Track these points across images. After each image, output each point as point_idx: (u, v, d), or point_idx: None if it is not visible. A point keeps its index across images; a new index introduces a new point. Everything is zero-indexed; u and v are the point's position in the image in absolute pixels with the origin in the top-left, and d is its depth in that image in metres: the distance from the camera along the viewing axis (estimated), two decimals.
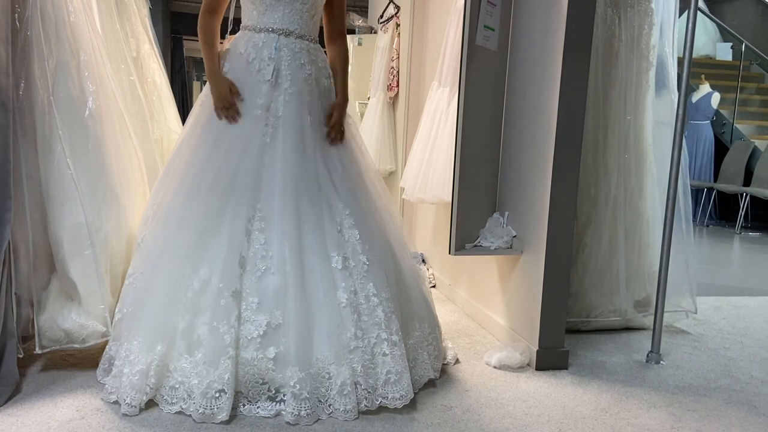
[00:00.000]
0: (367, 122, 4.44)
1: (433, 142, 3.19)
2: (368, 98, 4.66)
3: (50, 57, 1.91)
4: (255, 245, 1.94)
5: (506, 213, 2.64)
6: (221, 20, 2.16)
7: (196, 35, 2.13)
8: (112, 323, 2.01)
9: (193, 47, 9.67)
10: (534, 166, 2.44)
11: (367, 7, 5.42)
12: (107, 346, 2.00)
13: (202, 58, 2.16)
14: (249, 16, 2.12)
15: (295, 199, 1.99)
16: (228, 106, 2.03)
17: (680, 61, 2.58)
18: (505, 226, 2.62)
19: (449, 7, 3.23)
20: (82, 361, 2.16)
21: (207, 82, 2.10)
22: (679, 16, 3.01)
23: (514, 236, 2.57)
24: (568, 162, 2.33)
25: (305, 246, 1.96)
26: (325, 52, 2.24)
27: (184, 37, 9.33)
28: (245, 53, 2.08)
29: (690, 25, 2.39)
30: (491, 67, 2.60)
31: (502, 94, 2.67)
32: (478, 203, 2.66)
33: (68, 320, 1.96)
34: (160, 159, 3.04)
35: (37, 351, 1.97)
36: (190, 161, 2.04)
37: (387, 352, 1.93)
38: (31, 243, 1.91)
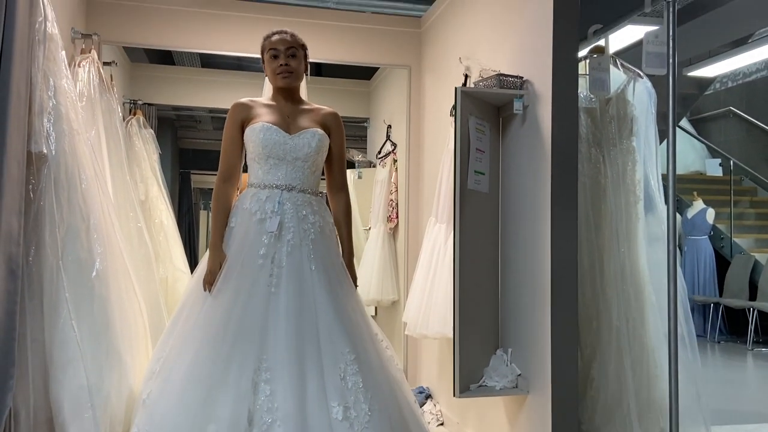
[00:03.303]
0: (368, 252, 4.52)
1: (432, 277, 3.23)
2: (368, 228, 4.78)
3: (61, 224, 1.99)
4: (261, 397, 1.92)
5: (509, 350, 2.62)
6: (236, 188, 2.27)
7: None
8: None
9: (200, 180, 10.05)
10: (532, 301, 2.46)
11: (366, 143, 5.70)
12: None
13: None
14: (255, 174, 2.25)
15: (298, 347, 2.00)
16: (214, 281, 2.11)
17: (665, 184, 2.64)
18: (509, 364, 2.60)
19: (443, 145, 3.39)
20: None
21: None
22: (660, 143, 3.12)
23: (519, 374, 2.54)
24: (566, 296, 2.35)
25: (307, 396, 1.94)
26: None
27: (191, 172, 9.72)
28: (249, 207, 2.19)
29: (670, 156, 2.47)
30: (484, 207, 2.69)
31: (497, 233, 2.75)
32: (481, 340, 2.65)
33: None
34: (164, 298, 3.08)
35: None
36: (196, 315, 2.08)
37: None
38: (32, 408, 1.90)
